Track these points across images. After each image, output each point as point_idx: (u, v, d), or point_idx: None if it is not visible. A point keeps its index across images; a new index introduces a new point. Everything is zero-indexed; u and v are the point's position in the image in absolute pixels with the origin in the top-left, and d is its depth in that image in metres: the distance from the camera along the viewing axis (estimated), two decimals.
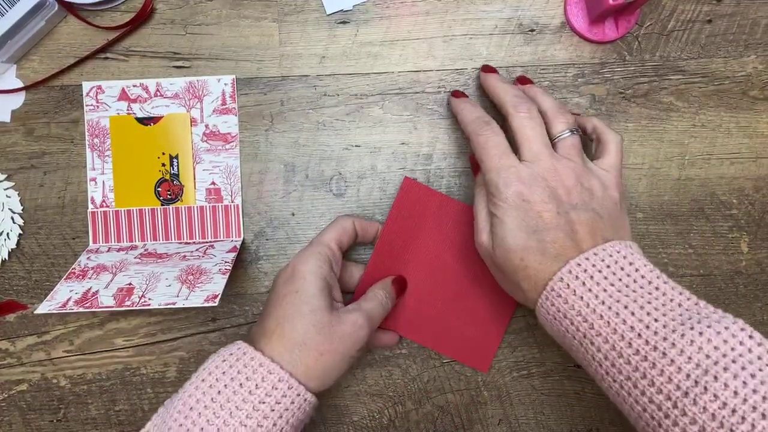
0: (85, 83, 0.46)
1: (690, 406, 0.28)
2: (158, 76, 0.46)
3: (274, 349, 0.36)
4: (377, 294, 0.41)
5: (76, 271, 0.43)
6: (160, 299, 0.39)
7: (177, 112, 0.46)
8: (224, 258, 0.43)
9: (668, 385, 0.29)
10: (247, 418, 0.33)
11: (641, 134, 0.47)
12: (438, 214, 0.45)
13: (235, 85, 0.46)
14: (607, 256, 0.34)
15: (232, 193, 0.46)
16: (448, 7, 0.46)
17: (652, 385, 0.30)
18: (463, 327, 0.45)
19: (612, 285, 0.33)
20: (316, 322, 0.36)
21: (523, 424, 0.47)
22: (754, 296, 0.47)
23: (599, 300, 0.33)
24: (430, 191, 0.45)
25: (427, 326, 0.46)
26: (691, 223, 0.47)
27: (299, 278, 0.38)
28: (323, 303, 0.37)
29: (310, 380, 0.36)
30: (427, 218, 0.45)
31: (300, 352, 0.35)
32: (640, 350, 0.30)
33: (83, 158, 0.46)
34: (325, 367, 0.36)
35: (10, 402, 0.47)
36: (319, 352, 0.36)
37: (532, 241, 0.35)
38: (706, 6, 0.46)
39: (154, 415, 0.35)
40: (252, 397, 0.33)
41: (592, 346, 0.33)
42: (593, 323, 0.32)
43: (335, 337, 0.36)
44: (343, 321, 0.37)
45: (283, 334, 0.36)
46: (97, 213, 0.46)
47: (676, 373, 0.29)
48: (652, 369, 0.30)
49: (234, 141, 0.46)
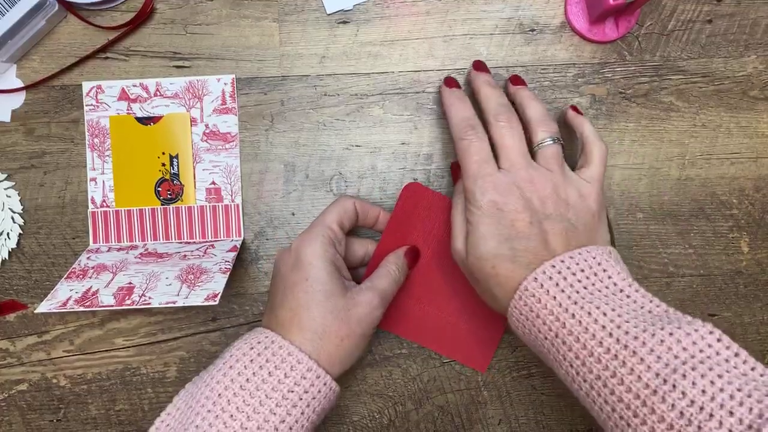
0: (85, 83, 0.46)
1: (658, 403, 0.28)
2: (159, 75, 0.46)
3: (296, 339, 0.36)
4: (390, 270, 0.41)
5: (77, 270, 0.43)
6: (161, 298, 0.39)
7: (177, 111, 0.46)
8: (225, 257, 0.43)
9: (637, 383, 0.29)
10: (277, 406, 0.33)
11: (641, 134, 0.47)
12: (439, 214, 0.45)
13: (234, 85, 0.46)
14: (582, 260, 0.34)
15: (233, 192, 0.46)
16: (448, 7, 0.46)
17: (621, 383, 0.30)
18: (462, 327, 0.45)
19: (585, 288, 0.33)
20: (332, 308, 0.36)
21: (524, 424, 0.47)
22: (754, 296, 0.47)
23: (571, 300, 0.33)
24: (432, 193, 0.45)
25: (426, 326, 0.45)
26: (692, 223, 0.47)
27: (307, 264, 0.37)
28: (336, 287, 0.37)
29: (334, 366, 0.36)
30: (428, 219, 0.45)
31: (321, 340, 0.36)
32: (611, 348, 0.30)
33: (83, 158, 0.46)
34: (346, 352, 0.37)
35: (10, 402, 0.47)
36: (340, 338, 0.36)
37: (504, 249, 0.36)
38: (706, 6, 0.46)
39: (175, 398, 0.35)
40: (281, 385, 0.34)
41: (563, 345, 0.33)
42: (565, 322, 0.32)
43: (353, 320, 0.37)
44: (359, 303, 0.38)
45: (302, 324, 0.36)
46: (98, 213, 0.46)
47: (645, 372, 0.29)
48: (621, 367, 0.30)
49: (234, 140, 0.46)
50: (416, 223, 0.45)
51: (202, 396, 0.33)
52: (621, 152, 0.47)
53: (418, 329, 0.46)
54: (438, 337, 0.46)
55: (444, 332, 0.45)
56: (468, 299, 0.45)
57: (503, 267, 0.36)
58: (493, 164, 0.38)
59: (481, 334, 0.45)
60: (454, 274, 0.44)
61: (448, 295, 0.45)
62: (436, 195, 0.45)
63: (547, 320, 0.33)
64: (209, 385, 0.34)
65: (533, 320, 0.34)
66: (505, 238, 0.36)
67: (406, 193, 0.44)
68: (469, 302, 0.45)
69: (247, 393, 0.33)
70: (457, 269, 0.42)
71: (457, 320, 0.45)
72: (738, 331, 0.47)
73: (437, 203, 0.45)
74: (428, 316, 0.45)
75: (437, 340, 0.46)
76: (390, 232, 0.44)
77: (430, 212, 0.44)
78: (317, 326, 0.36)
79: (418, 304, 0.45)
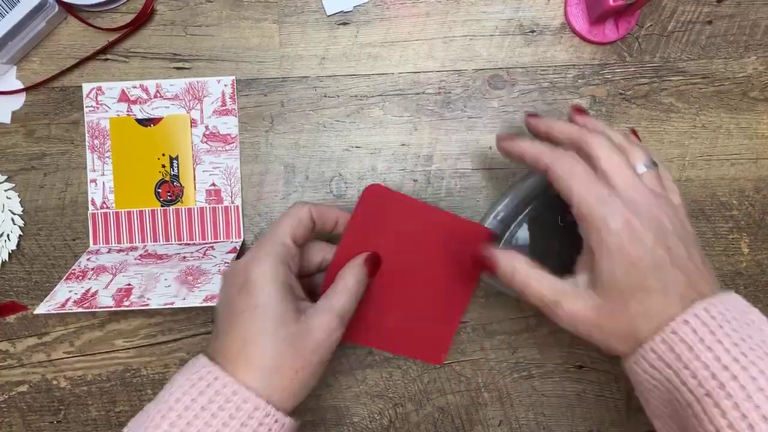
0: (85, 84, 0.46)
1: None
2: (159, 77, 0.46)
3: (243, 375, 0.32)
4: (347, 284, 0.37)
5: (76, 271, 0.43)
6: (159, 299, 0.39)
7: (177, 113, 0.46)
8: (224, 259, 0.43)
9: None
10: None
11: (641, 135, 0.47)
12: (404, 218, 0.41)
13: (234, 86, 0.46)
14: (732, 306, 0.30)
15: (232, 194, 0.46)
16: (448, 9, 0.46)
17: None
18: (419, 326, 0.44)
19: (743, 340, 0.29)
20: (285, 337, 0.33)
21: (524, 425, 0.47)
22: (754, 297, 0.47)
23: (731, 356, 0.28)
24: (397, 195, 0.41)
25: (380, 329, 0.43)
26: (692, 224, 0.47)
27: (256, 289, 0.33)
28: (289, 313, 0.33)
29: (288, 401, 0.33)
30: (392, 223, 0.41)
31: (273, 375, 0.32)
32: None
33: (83, 159, 0.46)
34: (302, 384, 0.33)
35: (10, 403, 0.47)
36: (294, 371, 0.33)
37: (652, 280, 0.31)
38: (706, 7, 0.46)
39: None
40: (226, 429, 0.30)
41: (715, 408, 0.28)
42: (725, 383, 0.28)
43: (308, 349, 0.33)
44: (313, 328, 0.34)
45: (251, 359, 0.32)
46: (98, 214, 0.46)
47: None
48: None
49: (234, 142, 0.46)
50: (378, 227, 0.41)
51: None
52: None
53: (372, 334, 0.43)
54: (391, 338, 0.44)
55: (401, 334, 0.44)
56: (425, 301, 0.43)
57: (651, 301, 0.31)
58: (606, 183, 0.33)
59: (438, 330, 0.45)
60: (413, 278, 0.42)
61: (407, 299, 0.43)
62: (401, 197, 0.41)
63: (699, 374, 0.28)
64: (147, 427, 0.31)
65: (678, 370, 0.29)
66: (651, 266, 0.31)
67: (367, 195, 0.40)
68: (426, 304, 0.43)
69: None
70: (417, 272, 0.41)
71: (414, 321, 0.44)
72: None
73: (402, 206, 0.41)
74: (383, 320, 0.43)
75: (390, 341, 0.44)
76: (349, 236, 0.40)
77: (394, 215, 0.41)
78: (268, 361, 0.32)
79: (374, 310, 0.42)
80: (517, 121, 0.46)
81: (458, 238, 0.42)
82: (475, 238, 0.41)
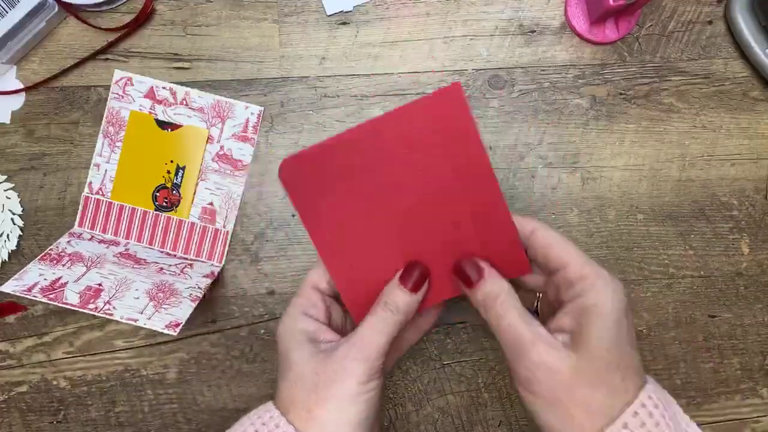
0: (117, 71, 0.46)
1: None
2: (158, 77, 0.46)
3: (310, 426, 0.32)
4: (378, 318, 0.34)
5: (53, 253, 0.42)
6: (124, 311, 0.38)
7: (197, 125, 0.46)
8: (198, 282, 0.43)
9: None
10: None
11: (642, 135, 0.47)
12: (345, 163, 0.32)
13: (260, 118, 0.46)
14: (662, 402, 0.31)
15: (226, 219, 0.46)
16: (448, 8, 0.46)
17: None
18: (477, 245, 0.35)
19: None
20: (329, 397, 0.32)
21: (524, 425, 0.47)
22: (754, 297, 0.47)
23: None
24: (312, 151, 0.32)
25: (442, 279, 0.35)
26: (692, 225, 0.47)
27: (287, 353, 0.34)
28: (307, 366, 0.33)
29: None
30: (338, 181, 0.33)
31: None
32: None
33: (83, 159, 0.46)
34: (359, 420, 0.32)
35: (9, 403, 0.47)
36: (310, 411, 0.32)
37: (629, 358, 0.31)
38: (706, 7, 0.46)
39: None
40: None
41: None
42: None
43: (329, 391, 0.32)
44: (332, 361, 0.32)
45: (313, 414, 0.32)
46: (91, 199, 0.46)
47: None
48: None
49: (243, 170, 0.46)
50: (333, 197, 0.33)
51: None
52: (621, 154, 0.47)
53: (435, 289, 0.35)
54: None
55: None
56: (456, 223, 0.34)
57: (629, 380, 0.30)
58: None
59: (496, 239, 0.35)
60: (426, 211, 0.34)
61: (437, 234, 0.34)
62: (320, 147, 0.32)
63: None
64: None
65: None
66: (630, 346, 0.31)
67: (285, 177, 0.32)
68: (459, 225, 0.34)
69: None
70: (424, 204, 0.33)
71: (468, 242, 0.35)
72: (738, 332, 0.47)
73: (334, 153, 0.32)
74: (437, 271, 0.35)
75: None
76: (314, 234, 0.34)
77: (337, 169, 0.33)
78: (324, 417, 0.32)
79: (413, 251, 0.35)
80: (517, 120, 0.46)
81: (431, 125, 0.32)
82: (453, 114, 0.31)
